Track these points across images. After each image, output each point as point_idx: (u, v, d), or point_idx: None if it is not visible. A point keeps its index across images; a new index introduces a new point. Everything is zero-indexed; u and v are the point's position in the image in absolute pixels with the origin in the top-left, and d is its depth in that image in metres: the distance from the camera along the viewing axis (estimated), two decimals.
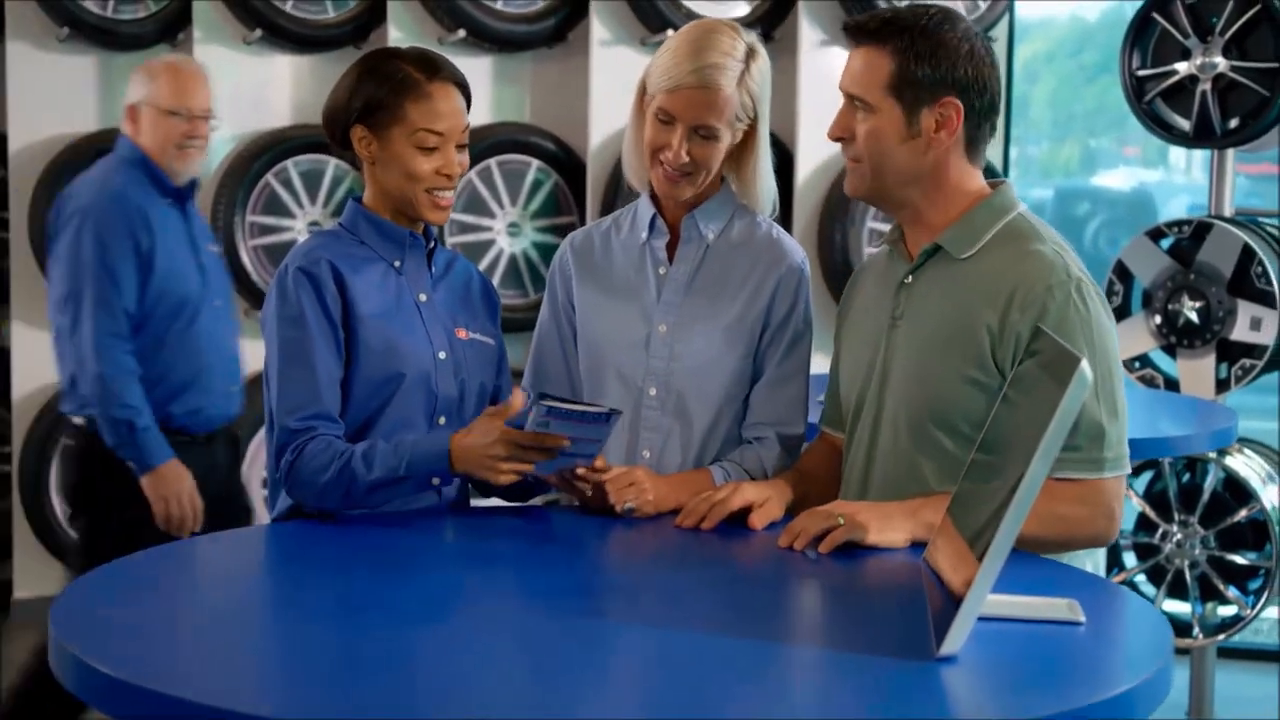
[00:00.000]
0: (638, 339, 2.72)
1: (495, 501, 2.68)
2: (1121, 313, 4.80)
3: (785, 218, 5.16)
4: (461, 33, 5.33)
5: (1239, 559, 4.69)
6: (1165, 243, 4.78)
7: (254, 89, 5.47)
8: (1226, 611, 4.75)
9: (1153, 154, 8.81)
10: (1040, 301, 2.33)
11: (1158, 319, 4.77)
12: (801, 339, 2.73)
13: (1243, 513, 4.66)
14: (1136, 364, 4.84)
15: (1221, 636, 4.69)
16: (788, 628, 2.01)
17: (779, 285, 2.71)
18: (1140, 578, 4.80)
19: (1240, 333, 4.66)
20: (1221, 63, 4.67)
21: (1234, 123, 4.71)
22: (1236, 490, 4.69)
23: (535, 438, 2.40)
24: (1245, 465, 4.70)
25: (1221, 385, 4.72)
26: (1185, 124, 4.76)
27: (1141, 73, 4.79)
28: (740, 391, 2.72)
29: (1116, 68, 4.81)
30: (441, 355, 2.63)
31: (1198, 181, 8.64)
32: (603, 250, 2.79)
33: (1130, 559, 4.83)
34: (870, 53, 2.41)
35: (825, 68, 5.26)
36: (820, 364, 2.82)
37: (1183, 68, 4.73)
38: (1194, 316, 4.71)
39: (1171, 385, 4.79)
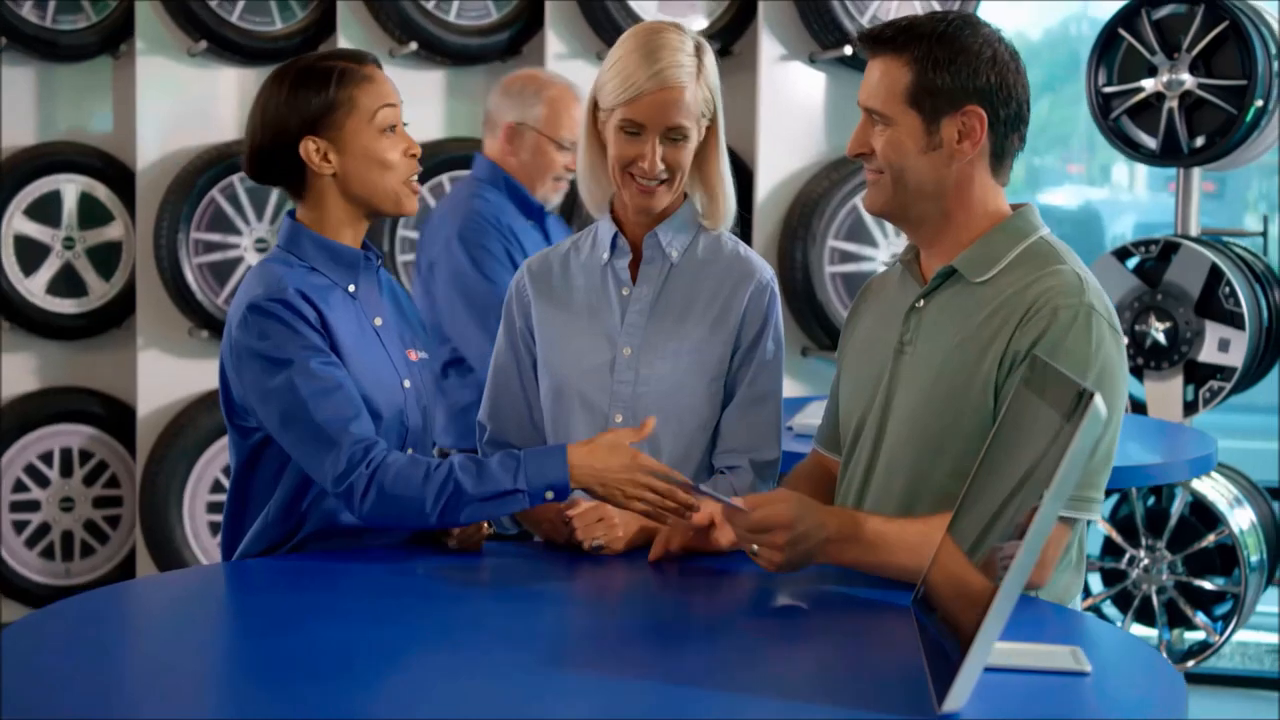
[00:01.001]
0: (601, 363, 2.60)
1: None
2: None
3: (745, 236, 5.05)
4: (413, 45, 5.22)
5: (1207, 584, 4.61)
6: (1131, 262, 4.71)
7: (199, 102, 5.33)
8: (1194, 637, 4.67)
9: (1097, 172, 8.81)
10: (1044, 322, 2.20)
11: (1124, 340, 4.68)
12: (773, 359, 2.62)
13: (1210, 537, 4.58)
14: None
15: (1190, 663, 4.61)
16: (777, 681, 1.87)
17: (749, 304, 2.60)
18: (1106, 603, 4.71)
19: (1208, 354, 4.59)
20: (1189, 80, 4.61)
21: (1200, 141, 4.64)
22: (1204, 515, 4.61)
23: (669, 488, 2.30)
24: (1213, 489, 4.63)
25: (1189, 408, 4.64)
26: (1152, 142, 4.69)
27: (1107, 89, 4.71)
28: (711, 417, 2.61)
29: (1061, 86, 4.75)
30: (407, 384, 2.50)
31: (1142, 199, 8.64)
32: (562, 273, 2.67)
33: (1096, 584, 4.74)
34: (887, 63, 2.29)
35: (785, 83, 5.17)
36: (787, 388, 2.71)
37: (1149, 85, 4.66)
38: (1161, 338, 4.63)
39: (1139, 408, 4.71)
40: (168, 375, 5.31)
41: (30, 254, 5.31)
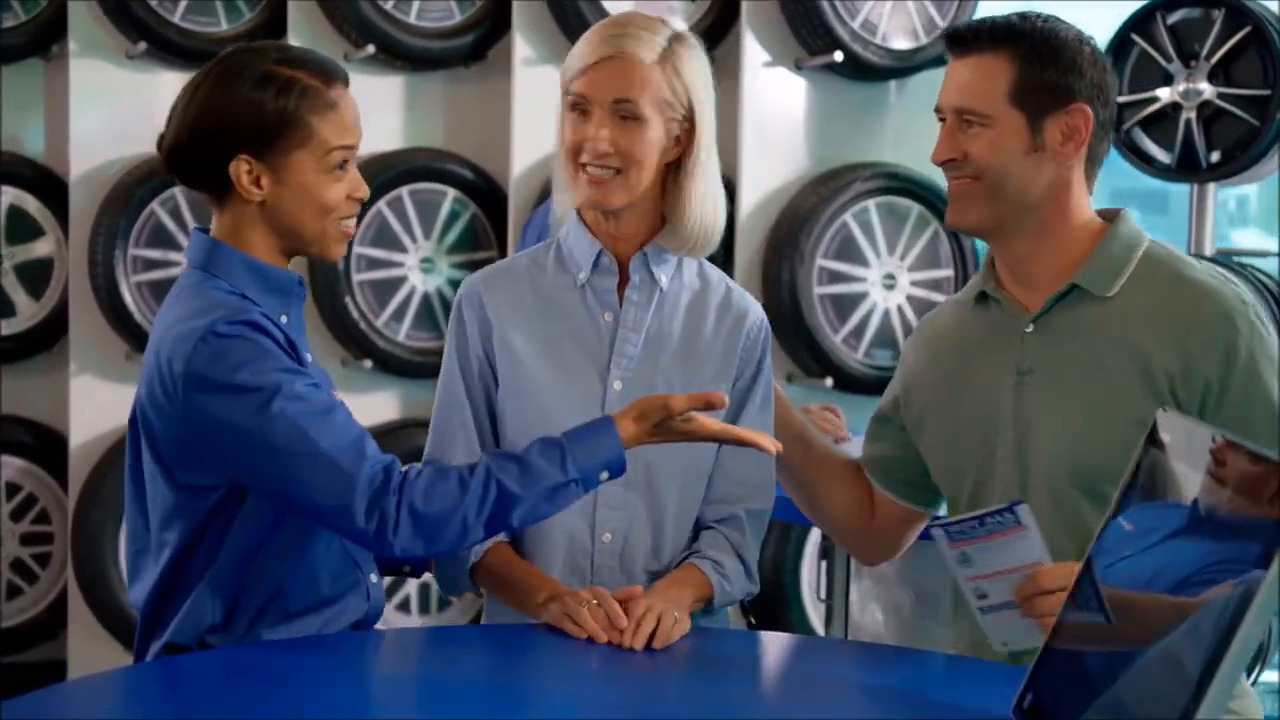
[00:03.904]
0: (589, 399, 2.28)
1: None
2: None
3: (727, 254, 4.76)
4: (371, 49, 4.91)
5: None
6: None
7: (137, 108, 4.99)
8: None
9: None
10: (1224, 336, 2.09)
11: None
12: (769, 402, 2.38)
13: None
14: None
15: None
16: None
17: (746, 341, 2.35)
18: None
19: None
20: (1207, 89, 4.33)
21: (1217, 155, 4.37)
22: None
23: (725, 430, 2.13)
24: None
25: None
26: (1166, 156, 4.42)
27: (1119, 99, 4.43)
28: (711, 464, 2.35)
29: None
30: None
31: None
32: (532, 290, 2.34)
33: None
34: (982, 61, 2.19)
35: (770, 90, 4.90)
36: None
37: (1165, 94, 4.38)
38: None
39: None
40: (103, 402, 5.00)
41: None
